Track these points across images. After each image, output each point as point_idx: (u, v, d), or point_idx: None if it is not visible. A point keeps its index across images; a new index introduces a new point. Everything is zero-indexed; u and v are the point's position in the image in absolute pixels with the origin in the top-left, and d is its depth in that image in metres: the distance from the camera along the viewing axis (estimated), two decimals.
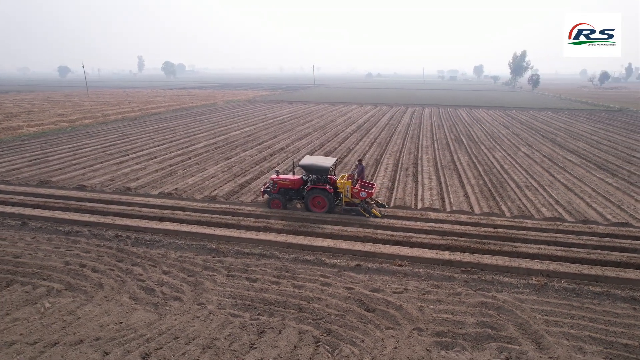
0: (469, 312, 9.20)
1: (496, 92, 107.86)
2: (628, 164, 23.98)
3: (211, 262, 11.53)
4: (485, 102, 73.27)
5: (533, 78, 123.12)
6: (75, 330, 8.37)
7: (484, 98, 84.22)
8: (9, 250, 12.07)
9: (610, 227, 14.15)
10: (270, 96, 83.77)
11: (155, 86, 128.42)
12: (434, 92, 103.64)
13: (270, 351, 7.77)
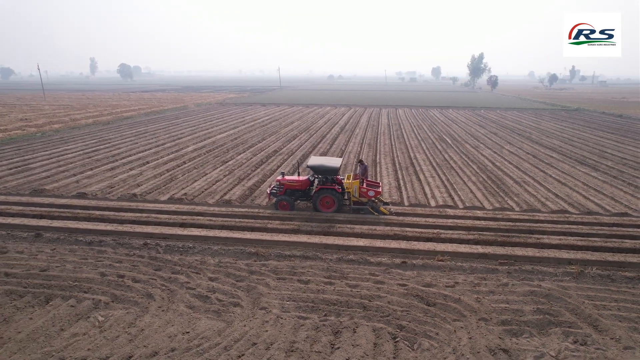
0: (522, 300, 9.69)
1: (459, 93, 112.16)
2: (604, 159, 25.84)
3: (255, 266, 11.38)
4: (453, 102, 76.10)
5: (492, 79, 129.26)
6: (144, 342, 8.05)
7: (450, 98, 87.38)
8: (33, 263, 11.34)
9: (614, 218, 15.28)
10: (239, 98, 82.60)
11: (115, 89, 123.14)
12: (401, 94, 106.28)
13: (354, 350, 7.85)
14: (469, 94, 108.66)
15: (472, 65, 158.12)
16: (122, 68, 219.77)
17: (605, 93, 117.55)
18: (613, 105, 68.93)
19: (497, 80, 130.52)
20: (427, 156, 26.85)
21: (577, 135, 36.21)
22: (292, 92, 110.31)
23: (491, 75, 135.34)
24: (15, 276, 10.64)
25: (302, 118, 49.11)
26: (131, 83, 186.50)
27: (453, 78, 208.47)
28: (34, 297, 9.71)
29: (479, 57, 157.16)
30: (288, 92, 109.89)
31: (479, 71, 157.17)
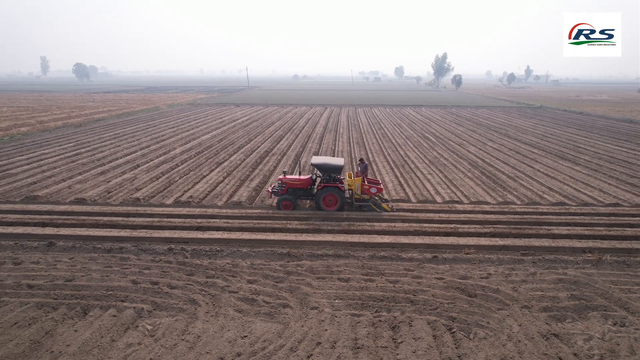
0: (554, 288, 10.26)
1: (426, 92, 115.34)
2: (580, 154, 27.53)
3: (290, 267, 11.36)
4: (424, 101, 78.17)
5: (456, 78, 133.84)
6: (205, 349, 7.89)
7: (420, 97, 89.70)
8: (55, 273, 10.77)
9: (609, 208, 16.38)
10: (210, 99, 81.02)
11: (73, 90, 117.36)
12: (371, 93, 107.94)
13: (417, 343, 8.06)
14: (436, 93, 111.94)
15: (437, 65, 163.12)
16: (78, 68, 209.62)
17: (560, 91, 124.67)
18: (571, 103, 73.24)
19: (461, 79, 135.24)
20: (418, 154, 27.56)
21: (549, 132, 38.28)
22: (261, 92, 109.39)
23: (455, 74, 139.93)
24: (41, 287, 10.08)
25: (281, 118, 48.90)
26: (89, 84, 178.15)
27: (417, 78, 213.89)
28: (69, 308, 9.24)
29: (442, 57, 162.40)
30: (258, 92, 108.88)
31: (443, 71, 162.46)
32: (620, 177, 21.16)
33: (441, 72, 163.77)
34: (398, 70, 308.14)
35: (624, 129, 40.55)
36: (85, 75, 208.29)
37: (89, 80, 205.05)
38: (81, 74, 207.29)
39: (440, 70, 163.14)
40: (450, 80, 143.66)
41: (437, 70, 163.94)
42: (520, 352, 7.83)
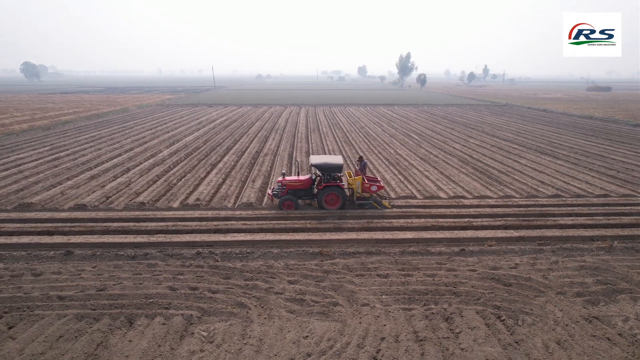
0: (579, 274, 10.94)
1: (393, 91, 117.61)
2: (557, 149, 29.20)
3: (325, 265, 11.42)
4: (394, 100, 79.77)
5: (421, 77, 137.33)
6: (272, 352, 7.86)
7: (389, 96, 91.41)
8: (84, 283, 10.28)
9: (600, 199, 17.55)
10: (178, 99, 78.76)
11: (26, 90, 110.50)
12: (340, 92, 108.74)
13: (475, 332, 8.39)
14: (403, 92, 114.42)
15: (401, 64, 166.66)
16: (26, 67, 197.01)
17: (518, 90, 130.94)
18: (532, 101, 77.15)
19: (426, 78, 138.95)
20: (407, 151, 28.22)
21: (521, 128, 40.26)
22: (230, 92, 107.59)
23: (420, 74, 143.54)
24: (73, 298, 9.61)
25: (260, 118, 48.42)
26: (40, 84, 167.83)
27: (381, 77, 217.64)
28: (112, 318, 8.88)
29: (406, 56, 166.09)
30: (226, 92, 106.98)
31: (407, 70, 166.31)
32: (599, 170, 22.67)
33: (405, 72, 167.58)
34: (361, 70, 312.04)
35: (586, 125, 43.31)
36: (34, 75, 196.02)
37: (39, 81, 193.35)
38: (30, 73, 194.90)
39: (405, 69, 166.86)
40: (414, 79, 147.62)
41: (401, 69, 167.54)
42: (571, 335, 8.34)
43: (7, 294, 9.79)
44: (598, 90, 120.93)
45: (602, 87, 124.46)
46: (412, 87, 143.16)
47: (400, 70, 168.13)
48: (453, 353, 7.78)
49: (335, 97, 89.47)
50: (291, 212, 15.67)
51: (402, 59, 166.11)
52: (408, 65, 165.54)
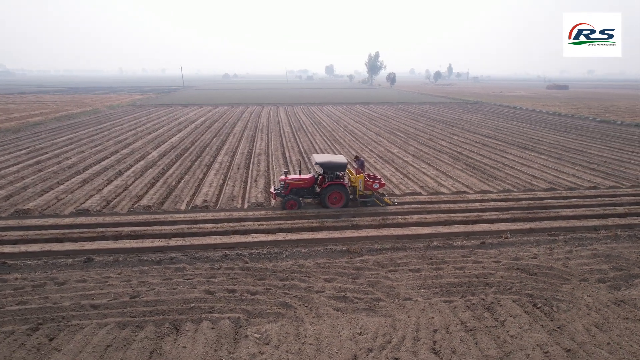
0: (594, 262, 11.62)
1: (364, 90, 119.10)
2: (537, 144, 30.64)
3: (356, 262, 11.56)
4: (369, 98, 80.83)
5: (390, 76, 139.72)
6: (333, 349, 7.90)
7: (362, 95, 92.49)
8: (115, 290, 9.93)
9: (591, 190, 18.63)
10: (148, 99, 76.49)
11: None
12: (313, 91, 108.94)
13: (518, 319, 8.78)
14: (374, 91, 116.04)
15: (370, 63, 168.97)
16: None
17: (483, 87, 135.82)
18: (499, 98, 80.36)
19: (395, 77, 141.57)
20: (398, 149, 28.77)
21: (499, 125, 41.89)
22: (201, 92, 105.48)
23: (390, 72, 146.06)
24: (108, 307, 9.26)
25: (241, 118, 47.84)
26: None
27: (350, 76, 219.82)
28: (157, 325, 8.65)
29: (375, 55, 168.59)
30: (196, 92, 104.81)
31: (376, 69, 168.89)
32: (581, 164, 24.01)
33: (374, 70, 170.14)
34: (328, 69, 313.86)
35: (556, 121, 45.63)
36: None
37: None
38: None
39: (374, 68, 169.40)
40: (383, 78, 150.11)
41: (370, 68, 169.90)
42: (606, 319, 8.89)
43: (34, 304, 9.31)
44: (556, 88, 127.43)
45: (560, 86, 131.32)
46: (382, 86, 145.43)
47: (370, 69, 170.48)
48: (505, 340, 8.11)
49: (309, 96, 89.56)
50: (304, 211, 15.69)
51: (371, 58, 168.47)
52: (377, 64, 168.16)
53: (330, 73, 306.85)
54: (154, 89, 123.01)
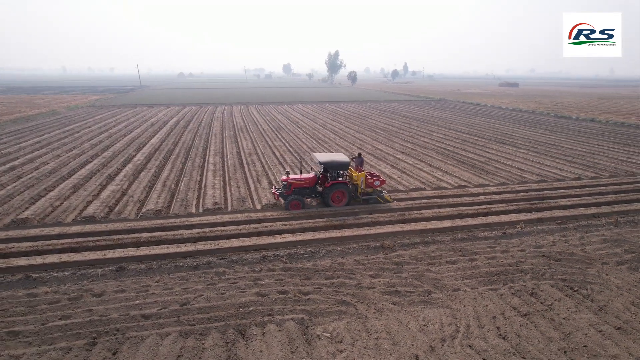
0: (607, 246, 12.59)
1: (328, 88, 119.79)
2: (513, 139, 32.39)
3: (393, 257, 11.82)
4: (335, 97, 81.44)
5: (351, 75, 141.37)
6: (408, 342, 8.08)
7: (328, 94, 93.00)
8: (161, 299, 9.56)
9: (576, 181, 20.05)
10: (108, 100, 72.68)
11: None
12: (277, 90, 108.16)
13: (564, 302, 9.41)
14: (337, 89, 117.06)
15: (330, 62, 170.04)
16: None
17: (440, 85, 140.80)
18: (460, 96, 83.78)
19: (356, 75, 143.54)
20: (386, 146, 29.37)
21: (469, 122, 43.79)
22: (161, 92, 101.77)
23: (351, 71, 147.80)
24: (161, 316, 8.93)
25: (215, 118, 46.76)
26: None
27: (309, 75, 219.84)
28: (220, 331, 8.46)
29: (334, 54, 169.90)
30: (156, 92, 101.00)
31: (336, 67, 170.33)
32: (558, 157, 25.71)
33: (334, 69, 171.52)
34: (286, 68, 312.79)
35: (520, 117, 48.37)
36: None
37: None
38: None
39: (334, 67, 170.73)
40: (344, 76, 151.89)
41: (330, 67, 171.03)
42: (639, 297, 9.72)
43: (80, 318, 8.79)
44: (507, 85, 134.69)
45: (511, 83, 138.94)
46: (343, 85, 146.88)
47: (330, 68, 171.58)
48: (560, 323, 8.68)
49: (275, 94, 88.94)
50: (321, 210, 15.75)
51: (331, 57, 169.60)
52: (337, 63, 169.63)
53: (287, 72, 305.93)
54: (109, 89, 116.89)
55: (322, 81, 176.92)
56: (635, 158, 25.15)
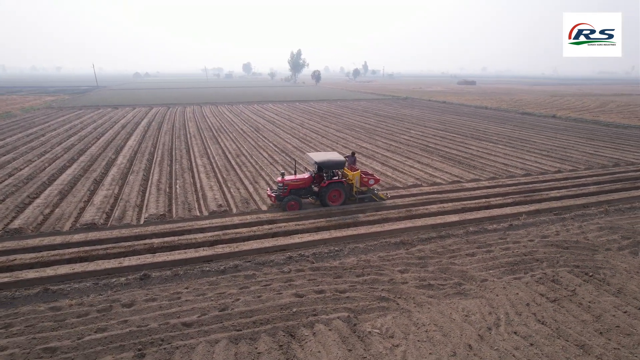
0: (604, 233, 13.52)
1: (294, 88, 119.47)
2: (487, 135, 33.85)
3: (414, 252, 12.11)
4: (304, 96, 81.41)
5: (315, 74, 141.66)
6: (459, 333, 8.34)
7: (296, 93, 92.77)
8: (197, 305, 9.29)
9: (558, 174, 21.31)
10: (65, 101, 68.65)
11: None
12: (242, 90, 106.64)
13: (585, 287, 10.05)
14: (303, 88, 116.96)
15: (293, 61, 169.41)
16: None
17: (402, 84, 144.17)
18: (424, 94, 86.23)
19: (320, 75, 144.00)
20: (370, 145, 29.80)
21: (441, 119, 45.24)
22: (120, 92, 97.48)
23: (314, 70, 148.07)
24: (202, 323, 8.69)
25: (188, 118, 45.45)
26: None
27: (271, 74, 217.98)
28: (270, 335, 8.36)
29: (297, 53, 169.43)
30: (115, 92, 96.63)
31: (299, 66, 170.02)
32: (534, 152, 27.17)
33: (297, 68, 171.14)
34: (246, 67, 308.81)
35: (487, 114, 50.54)
36: None
37: None
38: None
39: (297, 66, 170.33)
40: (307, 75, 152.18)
41: (293, 66, 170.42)
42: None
43: (117, 330, 8.39)
44: (466, 83, 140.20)
45: (469, 81, 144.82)
46: (307, 84, 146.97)
47: (293, 67, 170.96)
48: (588, 306, 9.28)
49: (242, 94, 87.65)
50: (332, 210, 15.81)
51: (294, 56, 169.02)
52: (300, 62, 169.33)
53: (248, 71, 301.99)
54: (61, 89, 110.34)
55: (285, 80, 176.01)
56: (602, 152, 27.06)
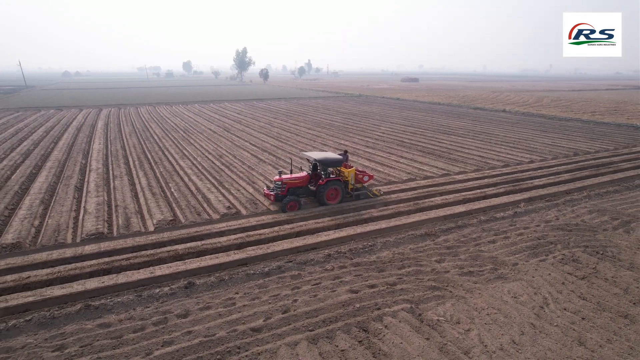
0: (595, 216, 14.94)
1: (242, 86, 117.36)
2: (452, 129, 35.69)
3: (439, 242, 12.65)
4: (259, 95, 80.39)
5: (263, 72, 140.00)
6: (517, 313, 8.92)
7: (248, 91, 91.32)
8: (257, 310, 9.09)
9: (532, 164, 23.09)
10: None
11: None
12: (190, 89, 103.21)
13: (603, 264, 11.14)
14: (252, 87, 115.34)
15: (238, 59, 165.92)
16: None
17: (349, 81, 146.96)
18: (375, 91, 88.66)
19: (268, 73, 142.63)
20: (348, 142, 30.24)
21: (402, 115, 46.91)
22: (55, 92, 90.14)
23: (262, 68, 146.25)
24: (271, 327, 8.52)
25: (147, 120, 43.16)
26: None
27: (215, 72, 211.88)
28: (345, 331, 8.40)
29: (242, 51, 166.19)
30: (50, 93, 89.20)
31: (245, 65, 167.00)
32: (502, 144, 29.15)
33: (243, 67, 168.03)
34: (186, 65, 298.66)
35: (443, 110, 53.15)
36: None
37: None
38: None
39: (242, 64, 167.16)
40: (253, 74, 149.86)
41: (239, 64, 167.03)
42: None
43: (186, 342, 8.01)
44: (409, 81, 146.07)
45: (412, 78, 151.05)
46: (255, 82, 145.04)
47: (239, 66, 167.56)
48: (614, 281, 10.32)
49: (191, 94, 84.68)
50: (341, 206, 15.97)
51: (239, 54, 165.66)
52: (245, 60, 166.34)
53: (188, 70, 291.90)
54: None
55: (231, 79, 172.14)
56: (559, 142, 29.67)
